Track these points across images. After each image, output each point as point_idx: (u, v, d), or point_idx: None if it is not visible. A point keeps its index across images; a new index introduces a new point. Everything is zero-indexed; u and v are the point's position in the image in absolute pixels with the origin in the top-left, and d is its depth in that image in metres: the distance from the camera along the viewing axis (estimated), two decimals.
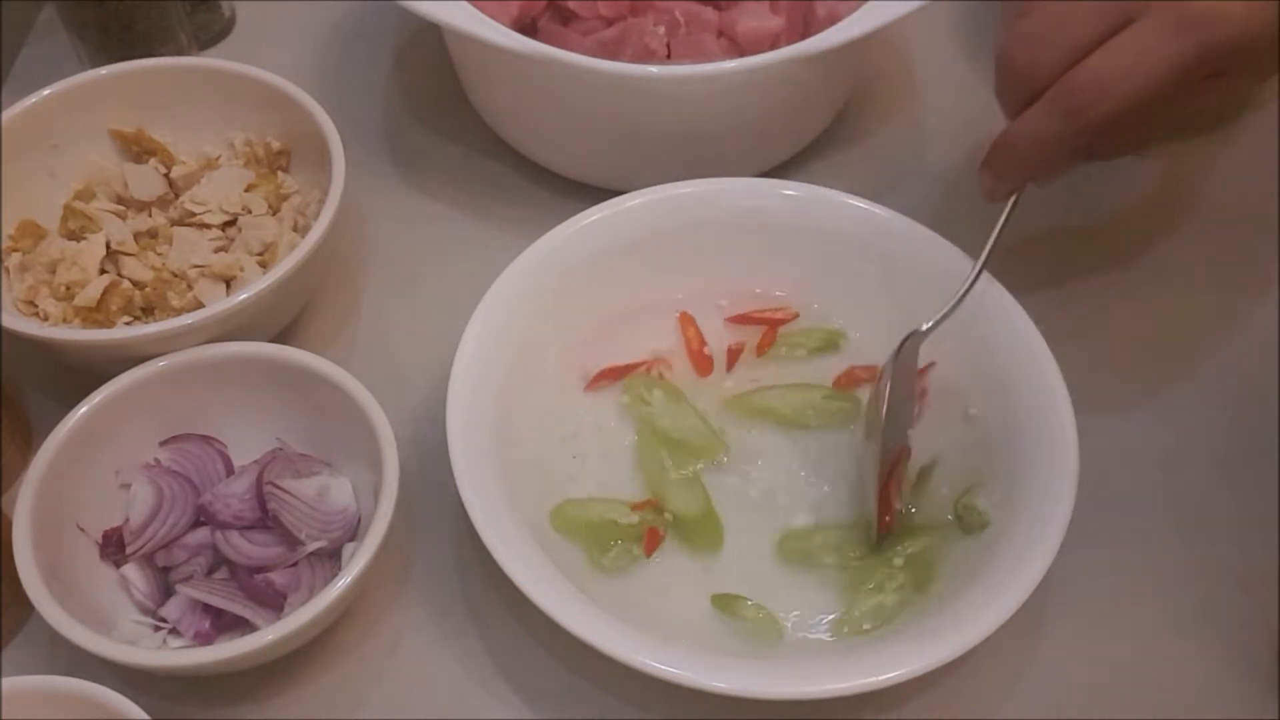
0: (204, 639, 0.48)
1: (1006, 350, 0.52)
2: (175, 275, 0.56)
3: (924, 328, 0.51)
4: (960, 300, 0.51)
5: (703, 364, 0.56)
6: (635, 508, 0.51)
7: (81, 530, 0.50)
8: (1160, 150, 0.68)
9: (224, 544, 0.49)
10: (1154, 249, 0.64)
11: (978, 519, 0.49)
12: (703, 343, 0.56)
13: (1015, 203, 0.51)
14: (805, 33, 0.61)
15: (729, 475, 0.53)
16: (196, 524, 0.51)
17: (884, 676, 0.43)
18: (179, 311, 0.54)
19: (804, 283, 0.57)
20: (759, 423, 0.54)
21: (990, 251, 0.51)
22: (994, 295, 0.53)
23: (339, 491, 0.51)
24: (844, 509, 0.52)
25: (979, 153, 0.68)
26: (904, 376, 0.51)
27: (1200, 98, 0.46)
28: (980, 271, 0.51)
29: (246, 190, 0.59)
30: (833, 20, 0.59)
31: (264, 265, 0.57)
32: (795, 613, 0.49)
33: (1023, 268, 0.55)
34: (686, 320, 0.56)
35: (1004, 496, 0.49)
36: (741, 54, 0.61)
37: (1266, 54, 0.45)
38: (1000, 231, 0.51)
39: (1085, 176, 0.67)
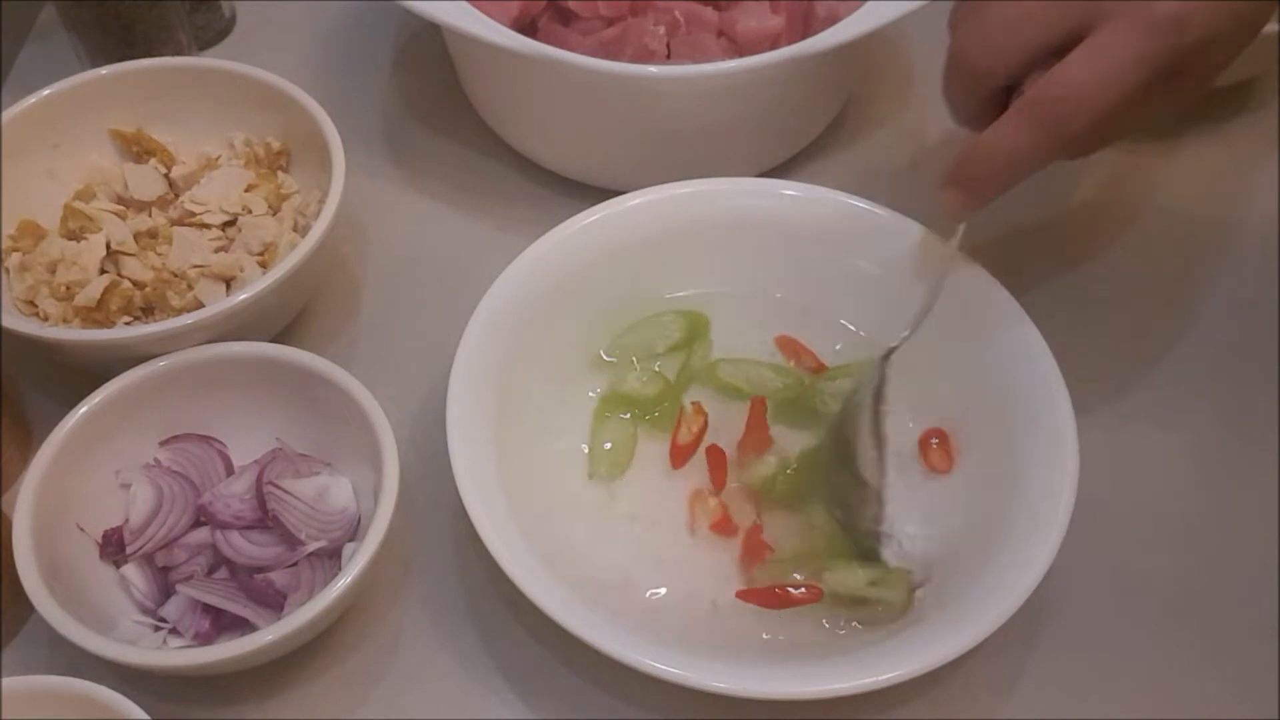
0: (204, 639, 0.48)
1: (1006, 351, 0.52)
2: (175, 275, 0.56)
3: (893, 347, 0.52)
4: (919, 323, 0.51)
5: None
6: None
7: (81, 530, 0.50)
8: (1160, 151, 0.68)
9: (224, 544, 0.49)
10: (1154, 250, 0.64)
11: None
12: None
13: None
14: (805, 33, 0.61)
15: None
16: (196, 524, 0.51)
17: (884, 676, 0.43)
18: (179, 311, 0.54)
19: (803, 283, 0.57)
20: None
21: (947, 277, 0.51)
22: (993, 296, 0.53)
23: (339, 491, 0.51)
24: None
25: None
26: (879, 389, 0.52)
27: (1161, 99, 0.46)
28: (936, 296, 0.51)
29: (246, 190, 0.59)
30: (833, 20, 0.59)
31: (264, 265, 0.57)
32: None
33: (1022, 269, 0.55)
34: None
35: (1004, 497, 0.49)
36: (741, 54, 0.61)
37: (1223, 54, 0.45)
38: (954, 253, 0.51)
39: (1086, 178, 0.67)
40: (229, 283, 0.56)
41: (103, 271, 0.56)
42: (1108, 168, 0.67)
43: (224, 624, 0.49)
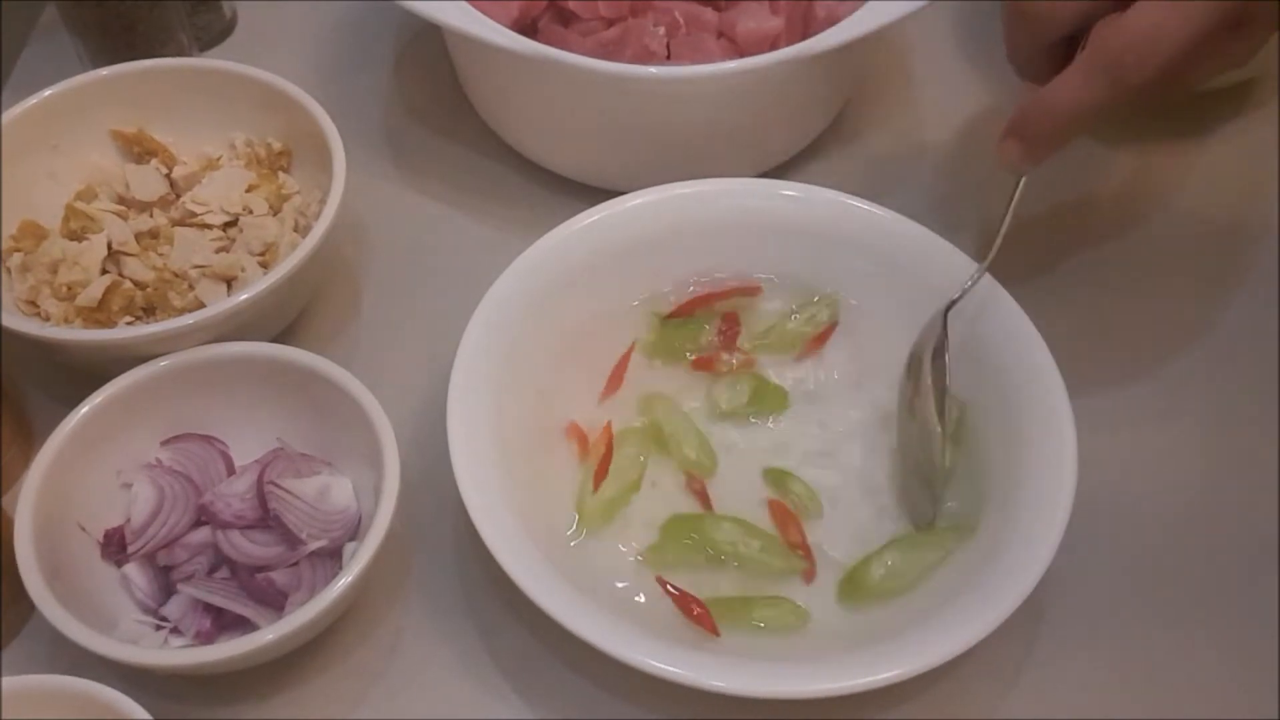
0: (205, 638, 0.48)
1: (1005, 350, 0.52)
2: (176, 275, 0.56)
3: (953, 300, 0.52)
4: (979, 277, 0.52)
5: None
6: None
7: (83, 530, 0.50)
8: (1161, 151, 0.68)
9: (225, 543, 0.49)
10: (1155, 249, 0.64)
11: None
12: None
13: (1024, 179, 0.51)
14: (805, 33, 0.61)
15: None
16: (198, 523, 0.51)
17: (884, 676, 0.43)
18: (180, 311, 0.54)
19: (804, 283, 0.57)
20: None
21: (1009, 224, 0.51)
22: (993, 295, 0.53)
23: (340, 491, 0.51)
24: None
25: (978, 153, 0.68)
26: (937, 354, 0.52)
27: (1225, 50, 0.46)
28: (997, 249, 0.51)
29: (247, 190, 0.59)
30: (832, 20, 0.59)
31: (265, 265, 0.57)
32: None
33: (1022, 268, 0.55)
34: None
35: (1003, 496, 0.49)
36: (741, 54, 0.61)
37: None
38: (1015, 207, 0.51)
39: (1085, 175, 0.67)
40: (230, 283, 0.56)
41: (104, 272, 0.56)
42: (1108, 167, 0.67)
43: (225, 623, 0.49)
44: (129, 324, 0.55)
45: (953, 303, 0.52)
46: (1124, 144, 0.68)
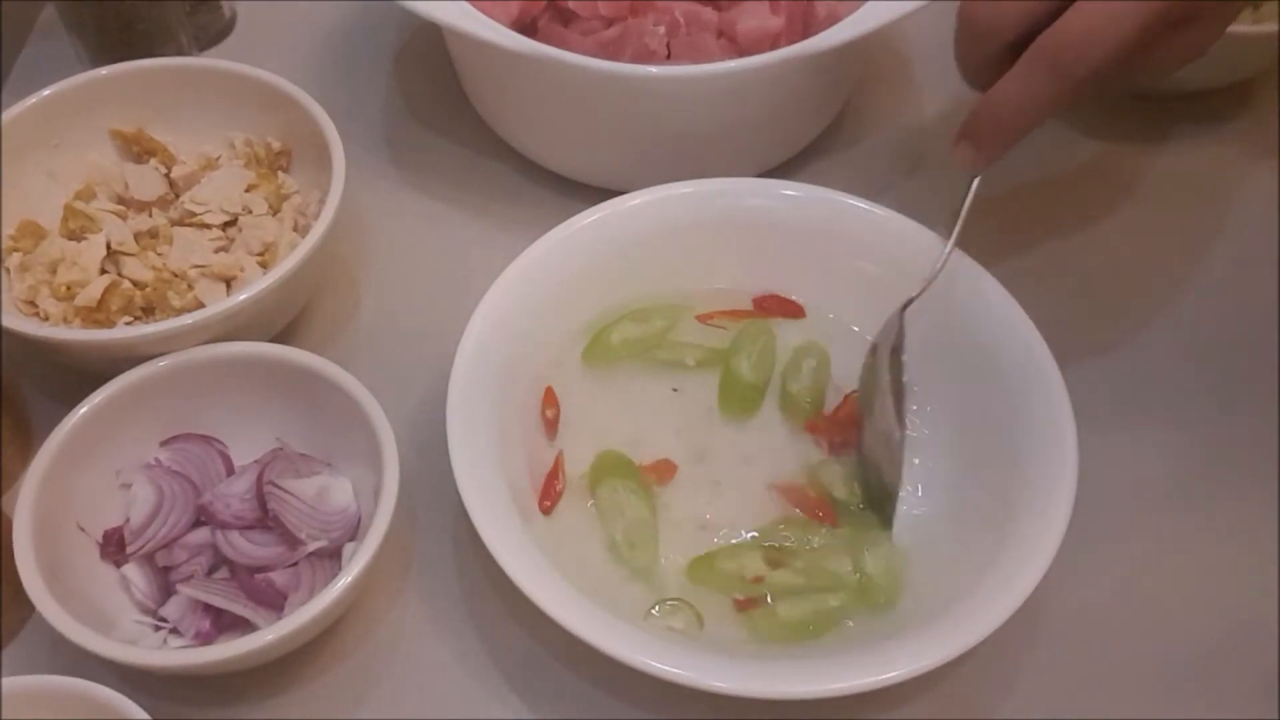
0: (204, 639, 0.48)
1: (1006, 352, 0.52)
2: (176, 275, 0.56)
3: (911, 297, 0.52)
4: (936, 275, 0.52)
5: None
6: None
7: (82, 530, 0.50)
8: (1161, 152, 0.68)
9: (224, 544, 0.49)
10: (1155, 251, 0.64)
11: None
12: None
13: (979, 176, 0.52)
14: (805, 33, 0.61)
15: None
16: (197, 524, 0.51)
17: (884, 676, 0.43)
18: (179, 311, 0.54)
19: (804, 283, 0.57)
20: None
21: (962, 226, 0.52)
22: (993, 297, 0.53)
23: (339, 491, 0.51)
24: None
25: None
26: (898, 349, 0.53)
27: (1167, 49, 0.47)
28: (952, 248, 0.52)
29: (247, 190, 0.59)
30: (833, 20, 0.59)
31: (264, 265, 0.57)
32: None
33: (1023, 270, 0.55)
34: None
35: (1003, 497, 0.49)
36: (741, 54, 0.61)
37: (1229, 7, 0.47)
38: (969, 206, 0.52)
39: (1087, 175, 0.67)
40: (229, 283, 0.56)
41: (103, 271, 0.56)
42: (1109, 167, 0.67)
43: (224, 624, 0.49)
44: (128, 324, 0.55)
45: (909, 301, 0.52)
46: (1125, 144, 0.68)
